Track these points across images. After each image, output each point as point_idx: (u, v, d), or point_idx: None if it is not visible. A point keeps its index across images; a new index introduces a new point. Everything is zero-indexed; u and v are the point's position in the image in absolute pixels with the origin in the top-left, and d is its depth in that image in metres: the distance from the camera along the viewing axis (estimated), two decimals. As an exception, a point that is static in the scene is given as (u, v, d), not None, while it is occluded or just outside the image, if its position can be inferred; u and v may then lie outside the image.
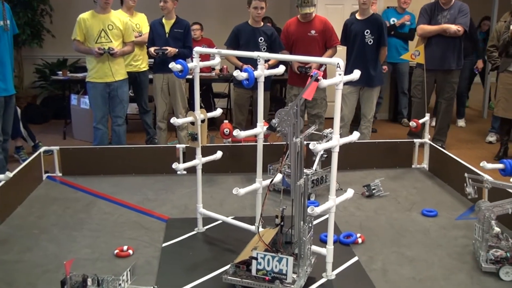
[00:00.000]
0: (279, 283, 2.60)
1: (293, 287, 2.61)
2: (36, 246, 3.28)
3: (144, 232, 3.53)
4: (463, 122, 7.50)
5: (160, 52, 5.39)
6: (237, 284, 2.69)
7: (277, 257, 2.61)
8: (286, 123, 2.60)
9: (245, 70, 3.00)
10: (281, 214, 2.83)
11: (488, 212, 2.98)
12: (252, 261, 2.65)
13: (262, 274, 2.63)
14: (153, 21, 5.63)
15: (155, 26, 5.55)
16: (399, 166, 5.02)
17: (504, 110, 5.73)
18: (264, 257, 2.62)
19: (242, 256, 2.78)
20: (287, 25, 5.49)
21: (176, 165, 3.31)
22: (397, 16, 7.12)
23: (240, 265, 2.71)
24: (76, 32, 5.03)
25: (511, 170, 3.31)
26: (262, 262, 2.63)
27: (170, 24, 5.54)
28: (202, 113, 3.30)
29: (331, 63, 2.66)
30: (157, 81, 5.67)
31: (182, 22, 5.61)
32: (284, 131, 2.61)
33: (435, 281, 2.90)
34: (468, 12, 5.64)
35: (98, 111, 5.22)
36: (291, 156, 2.62)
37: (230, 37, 5.42)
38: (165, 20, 5.56)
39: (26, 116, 7.30)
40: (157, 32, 5.53)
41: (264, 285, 2.63)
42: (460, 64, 5.85)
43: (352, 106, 5.62)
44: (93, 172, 4.74)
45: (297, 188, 2.66)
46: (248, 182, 4.23)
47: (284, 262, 2.60)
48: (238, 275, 2.70)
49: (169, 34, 5.53)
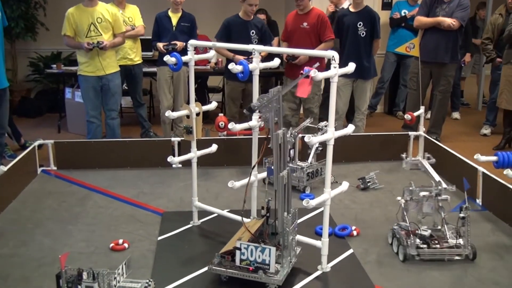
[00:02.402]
0: (262, 273, 2.62)
1: (276, 277, 2.62)
2: (31, 240, 3.28)
3: (140, 225, 3.53)
4: (458, 114, 7.52)
5: (170, 48, 5.40)
6: (222, 274, 2.71)
7: (260, 247, 2.62)
8: (266, 108, 2.60)
9: (240, 63, 2.99)
10: (267, 206, 2.83)
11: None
12: (236, 251, 2.66)
13: (246, 264, 2.65)
14: (158, 14, 5.62)
15: (162, 19, 5.54)
16: (394, 159, 5.03)
17: (507, 102, 5.75)
18: (248, 247, 2.64)
19: (228, 247, 2.81)
20: (287, 17, 5.53)
21: (171, 159, 3.31)
22: (409, 8, 7.10)
23: (225, 255, 2.73)
24: (66, 27, 4.98)
25: (503, 162, 3.34)
26: (245, 253, 2.64)
27: (177, 18, 5.54)
28: (197, 106, 3.29)
29: (326, 55, 2.67)
30: (161, 74, 5.67)
31: (189, 15, 5.62)
32: (265, 116, 2.61)
33: (430, 272, 2.92)
34: (467, 7, 5.59)
35: (90, 104, 5.18)
36: (273, 144, 2.63)
37: (220, 29, 5.40)
38: (172, 13, 5.55)
39: (21, 110, 7.31)
40: (163, 26, 5.53)
41: (248, 275, 2.65)
42: (456, 58, 5.83)
43: (346, 98, 5.62)
44: (88, 165, 4.73)
45: (279, 180, 2.66)
46: (243, 175, 4.24)
47: (267, 252, 2.62)
48: (223, 265, 2.72)
49: (176, 27, 5.54)
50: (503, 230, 3.50)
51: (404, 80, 7.25)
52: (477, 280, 2.84)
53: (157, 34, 5.60)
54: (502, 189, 3.60)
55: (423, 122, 5.05)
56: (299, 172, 4.15)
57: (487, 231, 3.50)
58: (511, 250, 3.20)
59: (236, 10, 5.50)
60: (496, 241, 3.34)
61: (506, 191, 3.56)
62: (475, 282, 2.82)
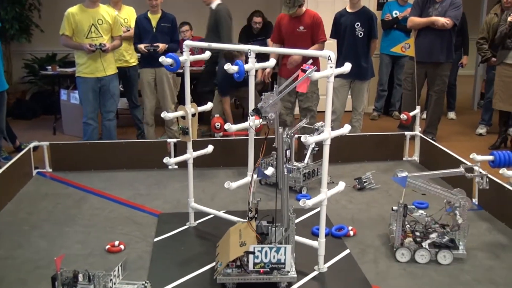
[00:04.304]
0: (277, 273, 2.61)
1: (291, 274, 2.63)
2: (26, 242, 3.26)
3: (136, 227, 3.52)
4: (454, 114, 7.53)
5: (151, 49, 5.36)
6: (231, 282, 2.64)
7: (274, 247, 2.59)
8: (273, 108, 2.60)
9: (236, 64, 2.99)
10: (256, 207, 2.80)
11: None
12: (249, 255, 2.61)
13: (260, 267, 2.61)
14: (138, 16, 5.56)
15: (141, 21, 5.48)
16: (390, 159, 5.03)
17: (502, 102, 5.76)
18: (262, 249, 2.60)
19: (234, 253, 2.65)
20: (279, 18, 5.45)
21: (167, 160, 3.30)
22: (399, 8, 7.13)
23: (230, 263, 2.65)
24: (65, 27, 4.96)
25: (499, 161, 3.34)
26: (259, 255, 2.60)
27: (156, 19, 5.48)
28: (193, 107, 3.29)
29: (322, 55, 2.66)
30: (144, 76, 5.63)
31: (169, 16, 5.55)
32: (270, 117, 2.61)
33: (426, 272, 2.92)
34: (460, 6, 5.62)
35: (88, 106, 5.17)
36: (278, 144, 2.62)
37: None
38: (151, 14, 5.49)
39: (16, 112, 7.28)
40: (143, 27, 5.47)
41: (262, 277, 2.62)
42: (451, 57, 5.85)
43: (344, 99, 5.62)
44: (84, 167, 4.71)
45: (285, 178, 2.66)
46: (239, 176, 4.23)
47: (282, 251, 2.60)
48: (230, 274, 2.65)
49: (156, 28, 5.48)
50: (499, 229, 3.51)
51: (398, 80, 7.28)
52: (473, 279, 2.84)
53: (138, 37, 5.51)
54: (498, 189, 3.61)
55: (419, 122, 5.06)
56: (296, 173, 4.14)
57: (483, 230, 3.50)
58: (507, 249, 3.21)
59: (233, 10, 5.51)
60: (493, 240, 3.34)
61: (502, 190, 3.56)
62: (471, 281, 2.83)
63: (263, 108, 2.60)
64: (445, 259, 3.00)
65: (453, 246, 3.04)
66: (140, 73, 5.73)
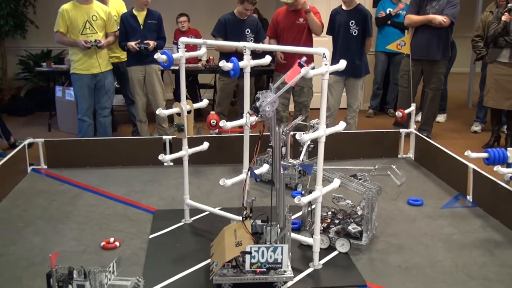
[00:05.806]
0: (274, 272, 2.61)
1: (287, 274, 2.63)
2: (21, 239, 3.25)
3: (131, 224, 3.51)
4: (443, 117, 7.16)
5: (142, 47, 5.29)
6: (227, 282, 2.63)
7: (271, 247, 2.59)
8: (269, 106, 2.60)
9: (231, 61, 2.98)
10: (250, 206, 2.78)
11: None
12: (246, 255, 2.59)
13: (256, 267, 2.60)
14: (124, 14, 5.47)
15: (128, 19, 5.37)
16: (385, 156, 5.04)
17: (494, 101, 5.77)
18: (259, 249, 2.58)
19: (230, 254, 2.64)
20: (276, 14, 5.53)
21: (163, 157, 3.29)
22: (392, 5, 7.15)
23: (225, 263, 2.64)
24: (59, 24, 4.94)
25: (494, 159, 3.36)
26: (256, 256, 2.59)
27: (143, 16, 5.41)
28: (188, 104, 3.28)
29: (317, 53, 2.66)
30: (133, 74, 5.53)
31: (155, 13, 5.49)
32: (268, 115, 2.61)
33: (421, 269, 2.93)
34: (457, 4, 5.63)
35: (84, 103, 5.15)
36: (275, 142, 2.62)
37: (217, 26, 5.42)
38: (137, 11, 5.41)
39: (10, 108, 7.25)
40: (130, 25, 5.36)
41: (258, 277, 2.61)
42: (447, 55, 5.86)
43: (338, 96, 5.63)
44: (79, 164, 4.70)
45: (281, 177, 2.66)
46: (235, 173, 4.24)
47: (279, 251, 2.59)
48: (226, 275, 2.64)
49: (143, 26, 5.40)
50: (493, 226, 3.52)
51: (394, 78, 7.28)
52: (467, 276, 2.85)
53: (124, 35, 5.39)
54: (492, 186, 3.62)
55: (414, 120, 5.07)
56: (291, 170, 4.15)
57: (477, 227, 3.51)
58: (501, 246, 3.22)
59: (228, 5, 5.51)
60: (487, 237, 3.36)
61: (496, 187, 3.58)
62: (465, 277, 2.84)
63: (261, 107, 2.60)
64: (343, 247, 3.08)
65: (358, 237, 3.14)
66: (129, 72, 5.61)
